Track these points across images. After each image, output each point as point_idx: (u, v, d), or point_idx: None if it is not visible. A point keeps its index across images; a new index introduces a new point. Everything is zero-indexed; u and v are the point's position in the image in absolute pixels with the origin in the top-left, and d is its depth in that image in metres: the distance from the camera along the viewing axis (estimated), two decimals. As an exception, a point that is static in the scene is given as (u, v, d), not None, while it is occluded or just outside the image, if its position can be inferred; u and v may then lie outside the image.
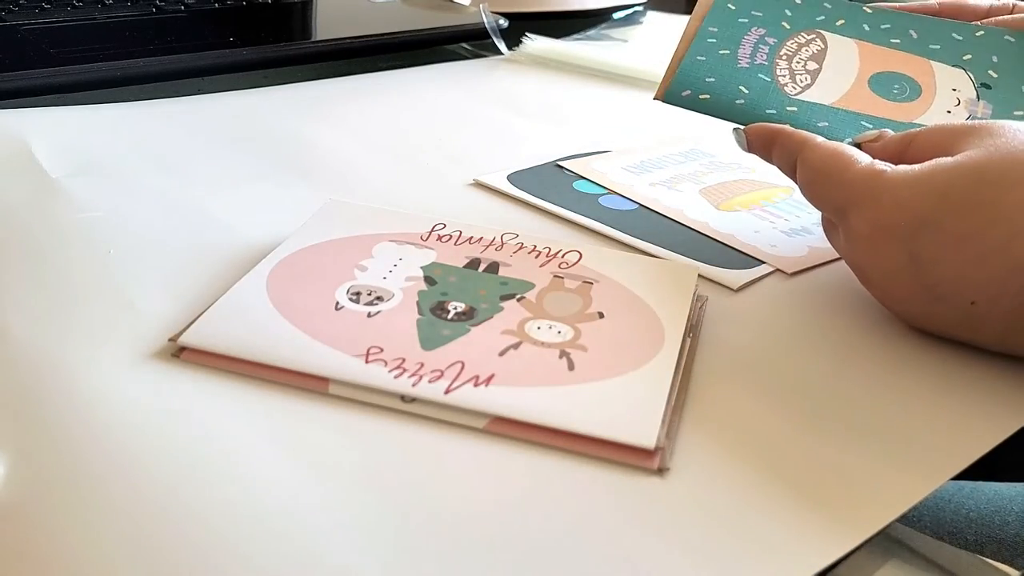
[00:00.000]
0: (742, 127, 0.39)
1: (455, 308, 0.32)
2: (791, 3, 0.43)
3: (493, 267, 0.35)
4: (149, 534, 0.23)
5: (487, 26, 0.70)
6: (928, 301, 0.32)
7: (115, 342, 0.30)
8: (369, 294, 0.33)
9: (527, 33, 0.70)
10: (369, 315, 0.31)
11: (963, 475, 0.27)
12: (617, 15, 0.83)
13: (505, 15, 0.72)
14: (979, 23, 0.42)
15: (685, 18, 0.87)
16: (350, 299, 0.32)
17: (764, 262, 0.38)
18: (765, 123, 0.38)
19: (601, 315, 0.32)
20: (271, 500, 0.24)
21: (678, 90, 0.40)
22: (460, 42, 0.70)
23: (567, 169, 0.47)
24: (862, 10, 0.43)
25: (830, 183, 0.34)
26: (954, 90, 0.38)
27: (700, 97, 0.39)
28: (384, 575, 0.22)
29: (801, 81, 0.39)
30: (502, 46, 0.69)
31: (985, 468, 0.28)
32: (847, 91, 0.39)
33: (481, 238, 0.37)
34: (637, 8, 0.85)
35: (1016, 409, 0.30)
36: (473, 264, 0.35)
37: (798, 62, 0.40)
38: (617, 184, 0.46)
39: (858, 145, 0.35)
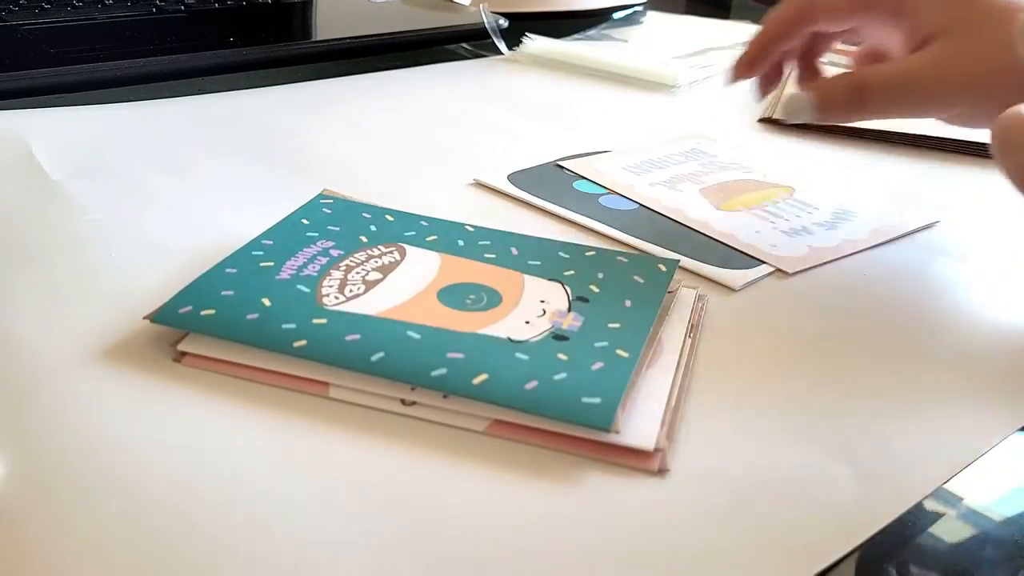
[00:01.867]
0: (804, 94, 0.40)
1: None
2: (381, 220, 0.37)
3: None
4: (148, 537, 0.23)
5: (487, 26, 0.70)
6: None
7: (116, 345, 0.30)
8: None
9: (527, 33, 0.70)
10: (368, 316, 0.31)
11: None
12: (617, 15, 0.83)
13: (505, 15, 0.72)
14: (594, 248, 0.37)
15: (685, 18, 0.87)
16: (350, 300, 0.32)
17: (764, 262, 0.38)
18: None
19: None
20: (271, 503, 0.24)
21: (177, 305, 0.31)
22: (460, 42, 0.70)
23: (567, 169, 0.47)
24: (463, 229, 0.37)
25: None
26: (542, 301, 0.32)
27: (202, 314, 0.30)
28: (385, 576, 0.22)
29: (349, 292, 0.32)
30: (502, 46, 0.69)
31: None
32: (405, 301, 0.32)
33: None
34: (637, 8, 0.85)
35: (1016, 409, 0.30)
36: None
37: (357, 273, 0.33)
38: (617, 184, 0.46)
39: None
